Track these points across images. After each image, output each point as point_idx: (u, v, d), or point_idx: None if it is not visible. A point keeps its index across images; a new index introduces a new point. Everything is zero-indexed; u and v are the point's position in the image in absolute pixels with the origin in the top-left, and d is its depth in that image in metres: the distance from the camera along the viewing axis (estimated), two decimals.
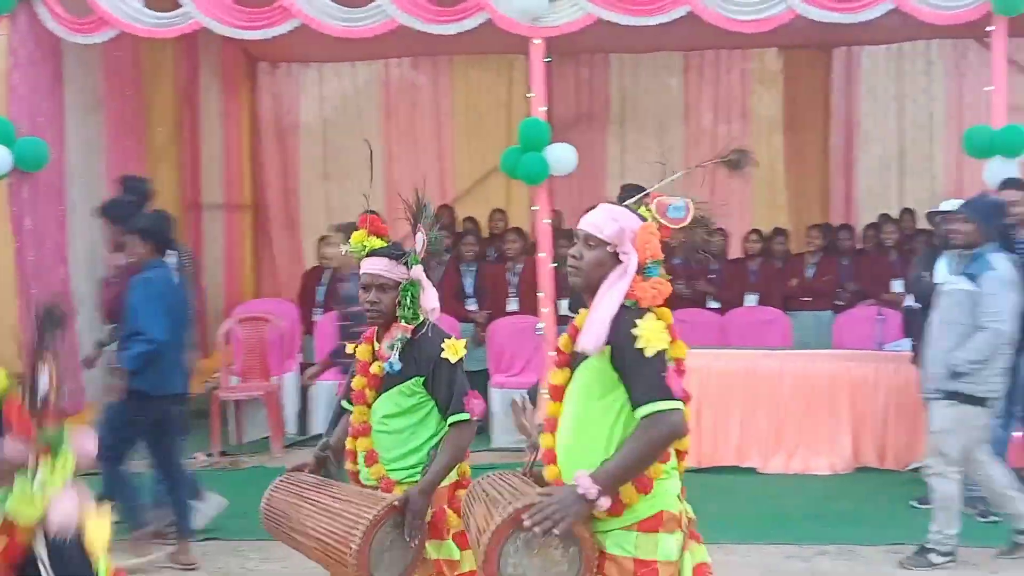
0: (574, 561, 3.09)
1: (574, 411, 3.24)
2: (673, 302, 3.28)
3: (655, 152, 12.12)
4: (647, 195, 3.34)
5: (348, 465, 4.08)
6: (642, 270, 3.19)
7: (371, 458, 3.94)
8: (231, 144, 11.39)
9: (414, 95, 12.20)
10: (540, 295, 8.39)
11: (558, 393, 3.31)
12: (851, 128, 11.94)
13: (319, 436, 9.15)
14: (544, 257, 8.35)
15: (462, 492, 3.81)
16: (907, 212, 10.86)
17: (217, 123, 11.21)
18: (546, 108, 8.28)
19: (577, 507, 3.03)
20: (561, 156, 8.18)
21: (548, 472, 3.27)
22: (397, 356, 3.87)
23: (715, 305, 9.99)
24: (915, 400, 7.19)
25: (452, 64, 12.02)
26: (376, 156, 13.17)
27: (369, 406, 3.97)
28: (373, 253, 3.98)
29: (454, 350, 3.86)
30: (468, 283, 9.87)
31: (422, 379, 3.88)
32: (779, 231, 10.58)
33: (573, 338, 3.27)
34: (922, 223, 10.59)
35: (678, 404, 3.08)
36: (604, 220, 3.23)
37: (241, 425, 9.20)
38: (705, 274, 9.98)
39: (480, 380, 9.48)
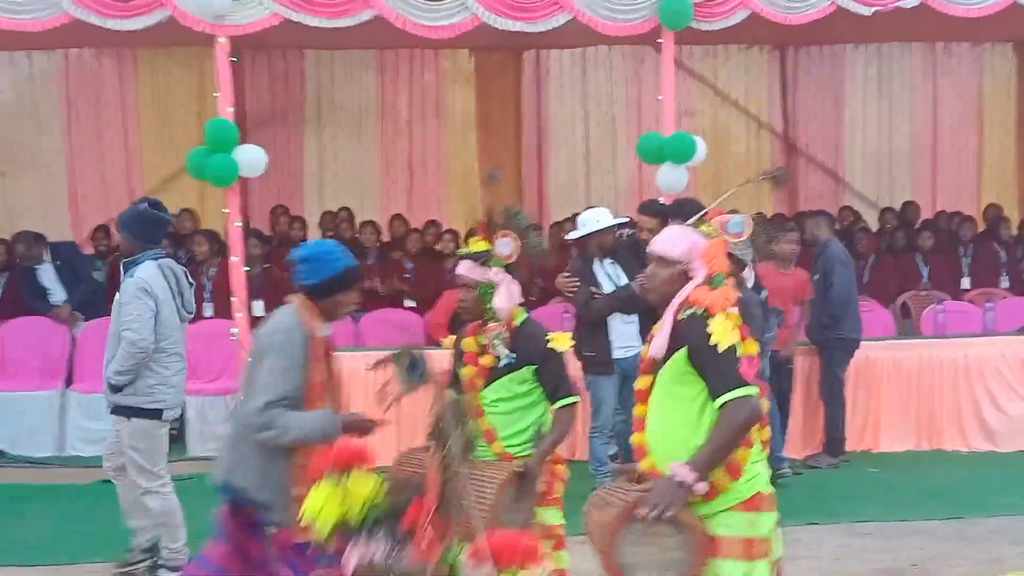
0: (686, 546, 3.35)
1: (660, 410, 3.58)
2: (370, 301, 3.39)
3: (352, 149, 12.12)
4: (705, 214, 3.73)
5: None
6: (709, 281, 3.55)
7: (491, 436, 4.40)
8: None
9: (98, 87, 11.59)
10: (233, 300, 8.22)
11: (643, 396, 3.67)
12: (542, 128, 12.35)
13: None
14: (236, 261, 8.18)
15: (559, 467, 4.51)
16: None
17: None
18: (234, 109, 8.10)
19: (677, 493, 3.35)
20: (251, 157, 8.03)
21: (642, 465, 3.60)
22: (506, 349, 4.40)
23: (411, 304, 10.06)
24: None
25: (138, 56, 11.52)
26: (56, 150, 12.30)
27: (479, 392, 4.43)
28: (464, 256, 4.55)
29: (561, 342, 4.43)
30: None
31: (533, 368, 4.40)
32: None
33: None
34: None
35: (753, 390, 3.43)
36: (675, 241, 3.63)
37: None
38: (400, 272, 10.08)
39: None
